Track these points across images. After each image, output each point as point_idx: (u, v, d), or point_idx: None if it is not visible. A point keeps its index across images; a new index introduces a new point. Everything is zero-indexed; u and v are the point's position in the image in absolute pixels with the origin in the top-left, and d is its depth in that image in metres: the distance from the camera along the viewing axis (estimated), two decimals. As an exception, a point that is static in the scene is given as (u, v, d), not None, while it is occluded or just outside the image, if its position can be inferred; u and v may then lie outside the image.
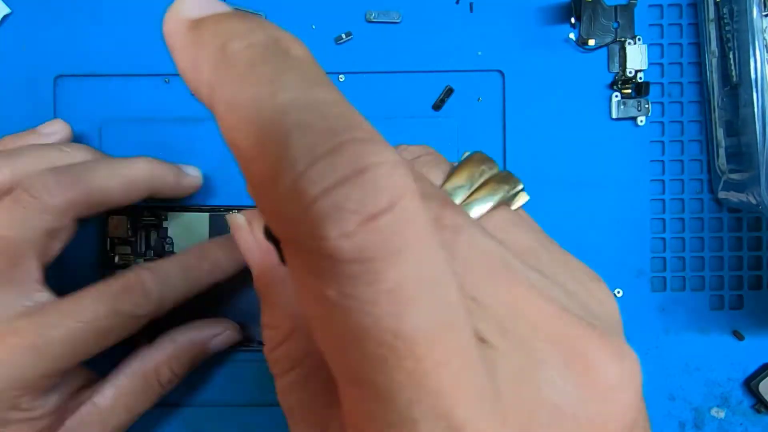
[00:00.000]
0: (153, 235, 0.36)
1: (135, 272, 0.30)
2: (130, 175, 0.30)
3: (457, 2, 0.36)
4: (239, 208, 0.36)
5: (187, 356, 0.32)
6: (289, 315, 0.17)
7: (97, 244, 0.36)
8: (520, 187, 0.18)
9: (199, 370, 0.36)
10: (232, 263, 0.32)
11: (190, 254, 0.32)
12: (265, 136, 0.11)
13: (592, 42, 0.36)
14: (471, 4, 0.36)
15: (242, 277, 0.33)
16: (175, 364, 0.31)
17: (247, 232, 0.19)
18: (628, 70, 0.36)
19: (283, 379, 0.17)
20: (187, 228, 0.36)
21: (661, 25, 0.36)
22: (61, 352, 0.27)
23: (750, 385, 0.36)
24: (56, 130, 0.33)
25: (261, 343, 0.36)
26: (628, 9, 0.36)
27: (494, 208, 0.16)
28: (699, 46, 0.36)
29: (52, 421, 0.28)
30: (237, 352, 0.36)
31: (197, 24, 0.13)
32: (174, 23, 0.13)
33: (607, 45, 0.36)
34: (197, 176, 0.34)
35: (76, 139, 0.36)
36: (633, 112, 0.36)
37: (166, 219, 0.36)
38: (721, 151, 0.35)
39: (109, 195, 0.30)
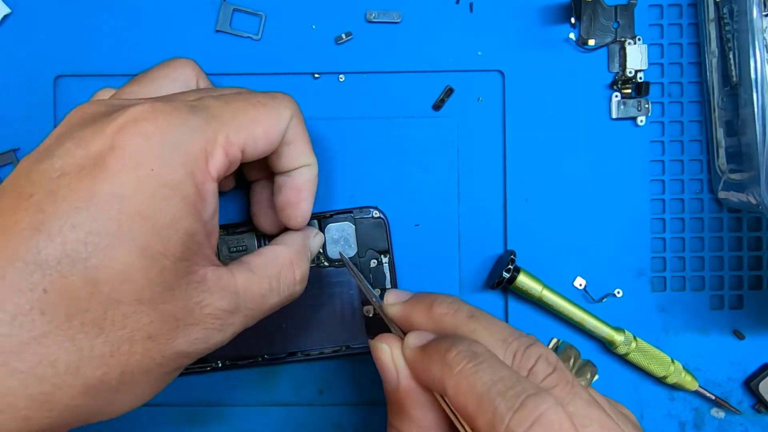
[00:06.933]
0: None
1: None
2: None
3: (457, 2, 0.36)
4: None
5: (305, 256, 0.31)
6: (418, 426, 0.26)
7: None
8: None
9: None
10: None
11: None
12: (482, 403, 0.22)
13: (592, 42, 0.36)
14: (471, 4, 0.36)
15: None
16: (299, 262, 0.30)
17: (388, 355, 0.27)
18: (628, 70, 0.36)
19: None
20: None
21: (661, 25, 0.36)
22: None
23: (750, 385, 0.36)
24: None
25: (267, 358, 0.36)
26: (628, 9, 0.36)
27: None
28: (699, 46, 0.36)
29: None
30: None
31: (425, 349, 0.26)
32: (408, 351, 0.26)
33: (607, 45, 0.36)
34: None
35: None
36: (633, 112, 0.36)
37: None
38: (721, 151, 0.35)
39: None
